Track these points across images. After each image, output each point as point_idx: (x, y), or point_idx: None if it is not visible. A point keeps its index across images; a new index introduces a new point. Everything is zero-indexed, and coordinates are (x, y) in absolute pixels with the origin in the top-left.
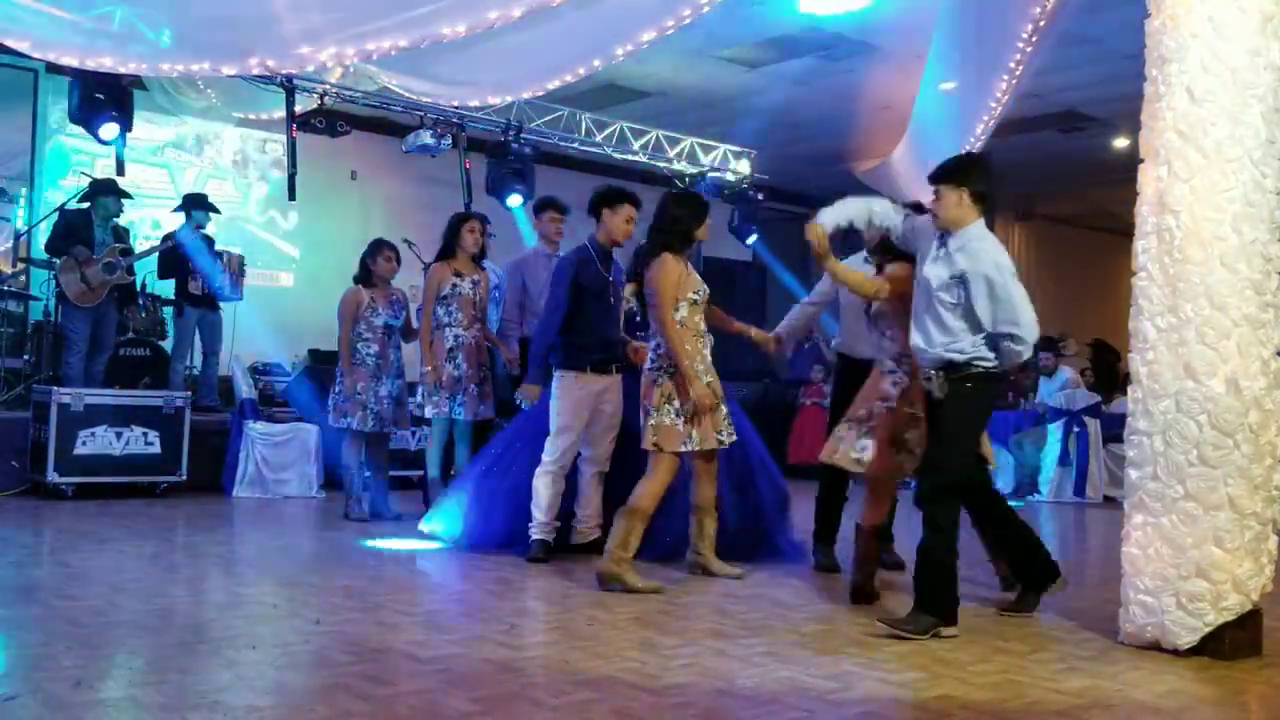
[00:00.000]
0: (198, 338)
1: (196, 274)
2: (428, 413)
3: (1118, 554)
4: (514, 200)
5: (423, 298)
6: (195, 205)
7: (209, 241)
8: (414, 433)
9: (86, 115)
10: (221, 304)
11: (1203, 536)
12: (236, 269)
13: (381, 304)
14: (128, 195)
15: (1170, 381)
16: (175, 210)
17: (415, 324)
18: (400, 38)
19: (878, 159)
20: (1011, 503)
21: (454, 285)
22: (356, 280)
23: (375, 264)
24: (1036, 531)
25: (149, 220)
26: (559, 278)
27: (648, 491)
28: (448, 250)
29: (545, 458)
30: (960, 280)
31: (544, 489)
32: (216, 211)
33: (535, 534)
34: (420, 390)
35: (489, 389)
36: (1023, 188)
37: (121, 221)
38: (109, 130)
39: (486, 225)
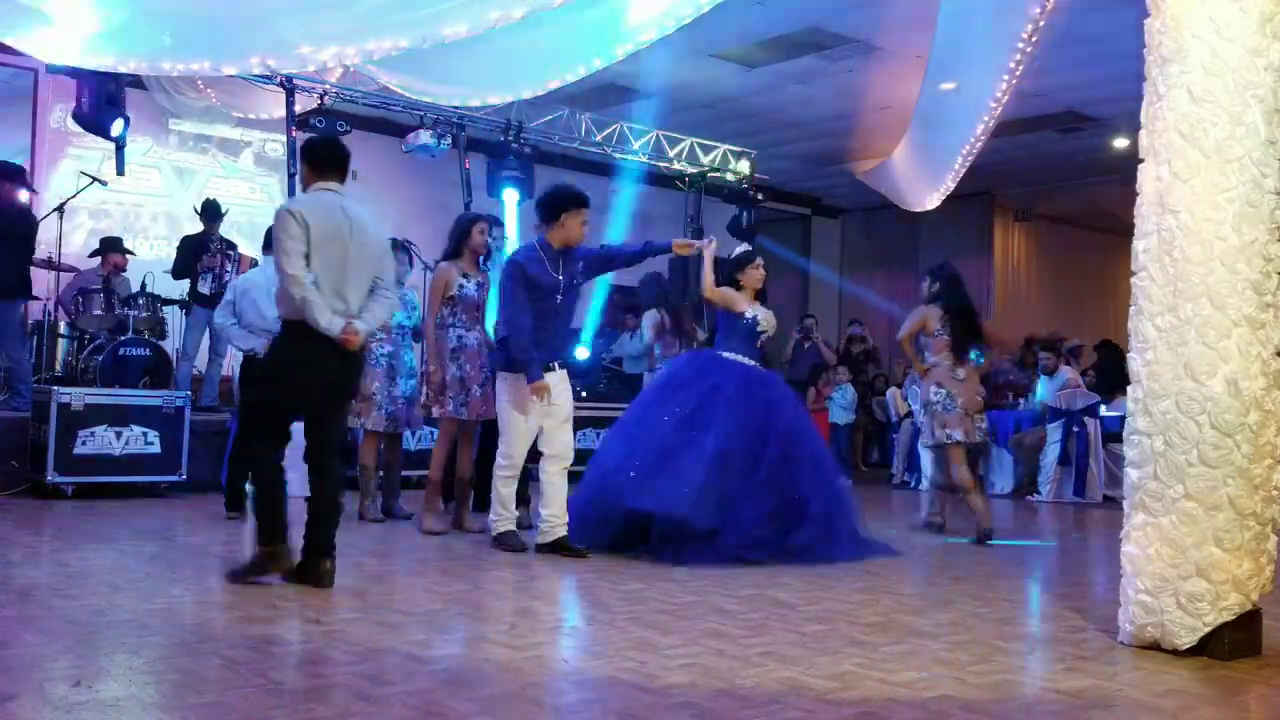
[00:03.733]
0: (207, 337)
1: (205, 274)
2: (434, 413)
3: (1118, 554)
4: (510, 195)
5: (428, 297)
6: (210, 209)
7: (230, 245)
8: (413, 433)
9: (93, 116)
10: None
11: (1203, 536)
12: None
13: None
14: (17, 176)
15: (1170, 381)
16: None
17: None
18: (401, 38)
19: (878, 159)
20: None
21: (460, 286)
22: None
23: None
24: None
25: (162, 219)
26: (513, 275)
27: None
28: (455, 251)
29: (501, 460)
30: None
31: (504, 489)
32: (220, 216)
33: (503, 526)
34: (424, 391)
35: (490, 390)
36: (1023, 188)
37: (120, 220)
38: (117, 126)
39: (501, 228)
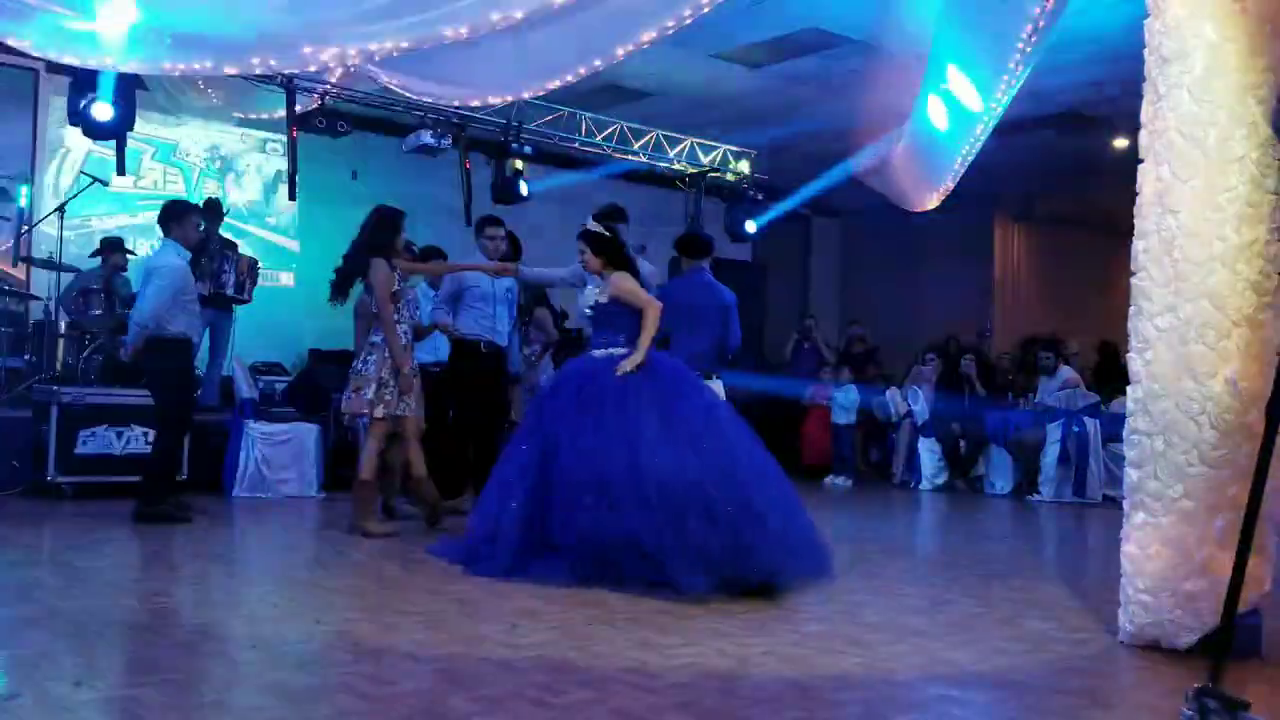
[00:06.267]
0: (207, 338)
1: (205, 276)
2: (379, 412)
3: (1118, 554)
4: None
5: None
6: (211, 208)
7: (231, 245)
8: None
9: (93, 116)
10: (235, 306)
11: (1203, 536)
12: (246, 271)
13: (399, 305)
14: None
15: (1170, 381)
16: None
17: (424, 323)
18: (402, 38)
19: (878, 159)
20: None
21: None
22: None
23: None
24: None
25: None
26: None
27: None
28: (387, 247)
29: None
30: None
31: None
32: (221, 215)
33: None
34: (374, 388)
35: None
36: (1023, 188)
37: (125, 223)
38: (118, 126)
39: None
